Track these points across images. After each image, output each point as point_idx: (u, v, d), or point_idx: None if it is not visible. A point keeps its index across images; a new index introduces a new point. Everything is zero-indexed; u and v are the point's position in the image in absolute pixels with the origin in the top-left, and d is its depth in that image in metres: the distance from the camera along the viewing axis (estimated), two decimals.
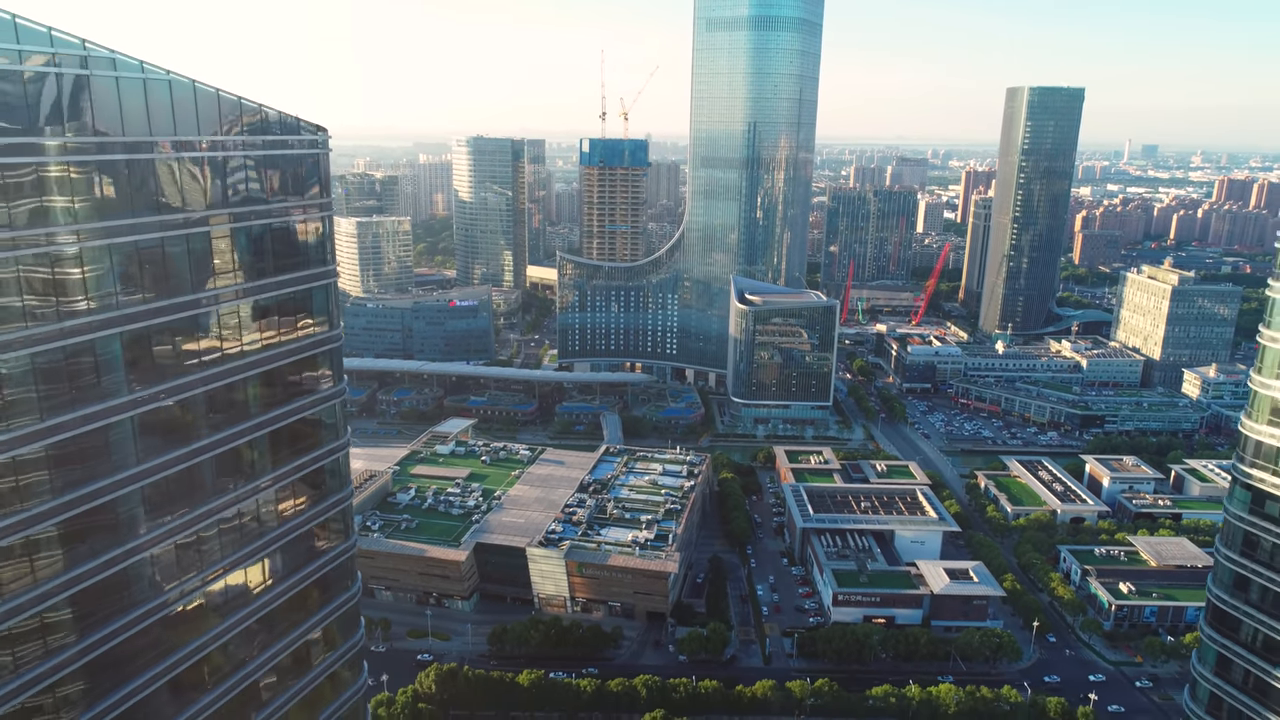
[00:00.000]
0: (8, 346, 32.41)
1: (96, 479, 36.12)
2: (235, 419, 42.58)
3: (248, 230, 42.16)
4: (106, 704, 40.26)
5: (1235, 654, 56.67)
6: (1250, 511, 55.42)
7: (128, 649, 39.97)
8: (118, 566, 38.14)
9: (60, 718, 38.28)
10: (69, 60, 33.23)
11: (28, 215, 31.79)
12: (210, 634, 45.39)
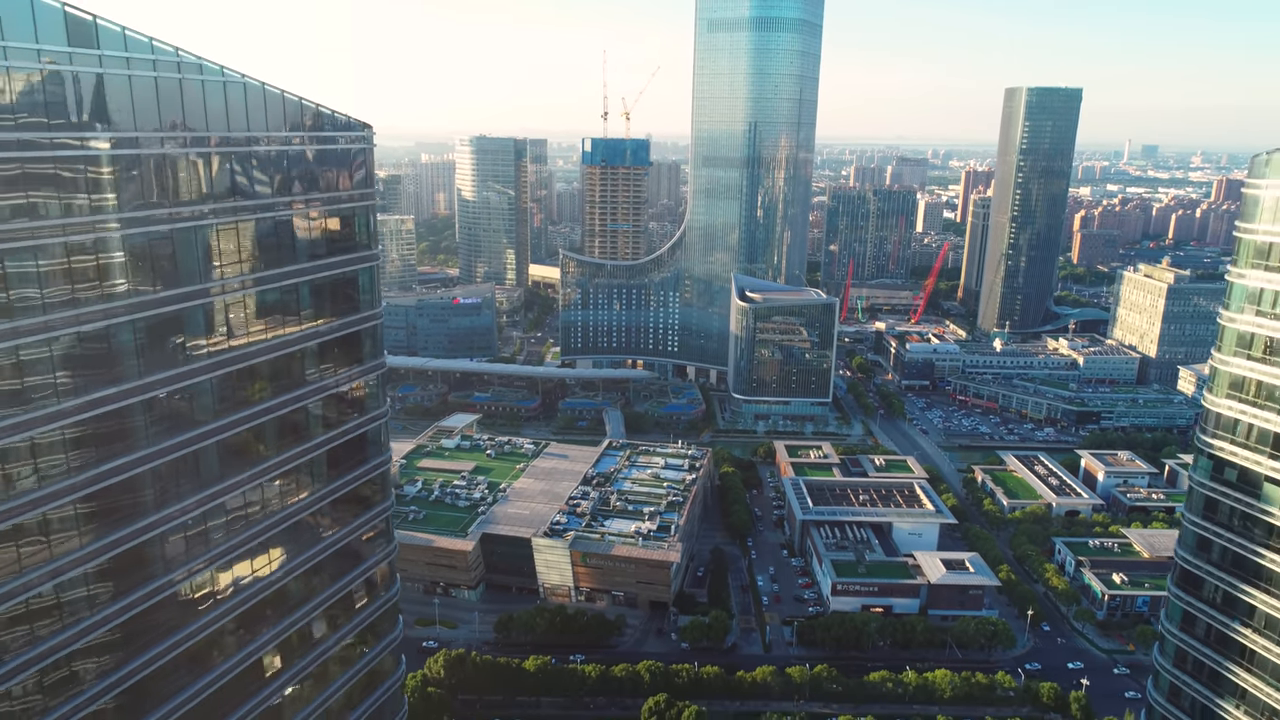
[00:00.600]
0: (170, 301, 38.90)
1: (220, 416, 41.99)
2: (295, 384, 47.27)
3: (306, 216, 46.98)
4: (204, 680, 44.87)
5: (1198, 610, 61.66)
6: (1211, 478, 60.41)
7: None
8: (211, 505, 43.07)
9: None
10: (169, 63, 38.01)
11: (155, 194, 36.72)
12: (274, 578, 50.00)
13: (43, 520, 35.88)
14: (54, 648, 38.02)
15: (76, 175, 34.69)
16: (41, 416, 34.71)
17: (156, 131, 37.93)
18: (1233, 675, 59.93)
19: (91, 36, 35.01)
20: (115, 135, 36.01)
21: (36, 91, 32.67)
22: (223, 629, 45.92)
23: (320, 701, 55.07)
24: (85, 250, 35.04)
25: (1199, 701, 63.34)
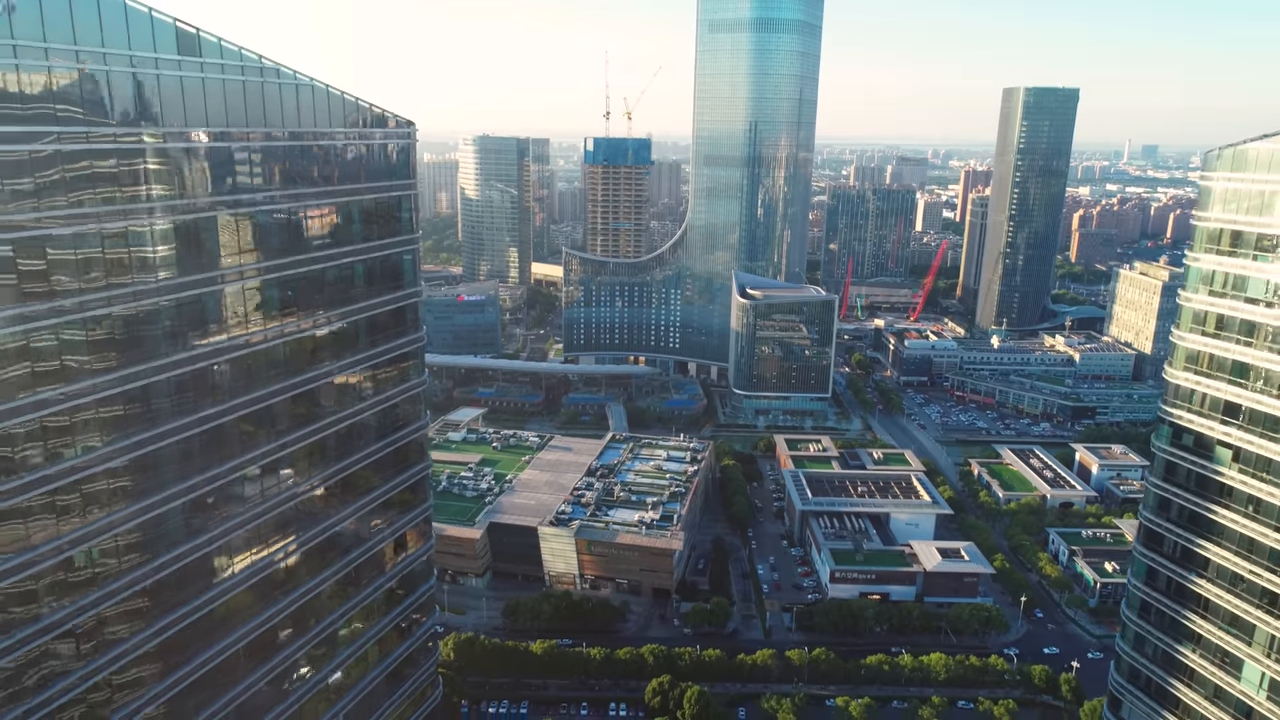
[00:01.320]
0: (273, 269, 45.77)
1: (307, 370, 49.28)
2: (355, 350, 53.54)
3: (359, 205, 53.11)
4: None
5: (1159, 564, 67.77)
6: (1170, 443, 66.55)
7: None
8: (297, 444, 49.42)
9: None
10: (252, 66, 44.10)
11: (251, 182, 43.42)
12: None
13: (219, 430, 44.71)
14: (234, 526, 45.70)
15: (176, 166, 40.86)
16: (227, 344, 44.01)
17: (242, 127, 44.02)
18: (1189, 623, 66.07)
19: (195, 46, 41.13)
20: (213, 130, 42.10)
21: (156, 95, 38.96)
22: (308, 552, 52.86)
23: (374, 633, 61.43)
24: (200, 227, 42.10)
25: (1160, 649, 69.50)
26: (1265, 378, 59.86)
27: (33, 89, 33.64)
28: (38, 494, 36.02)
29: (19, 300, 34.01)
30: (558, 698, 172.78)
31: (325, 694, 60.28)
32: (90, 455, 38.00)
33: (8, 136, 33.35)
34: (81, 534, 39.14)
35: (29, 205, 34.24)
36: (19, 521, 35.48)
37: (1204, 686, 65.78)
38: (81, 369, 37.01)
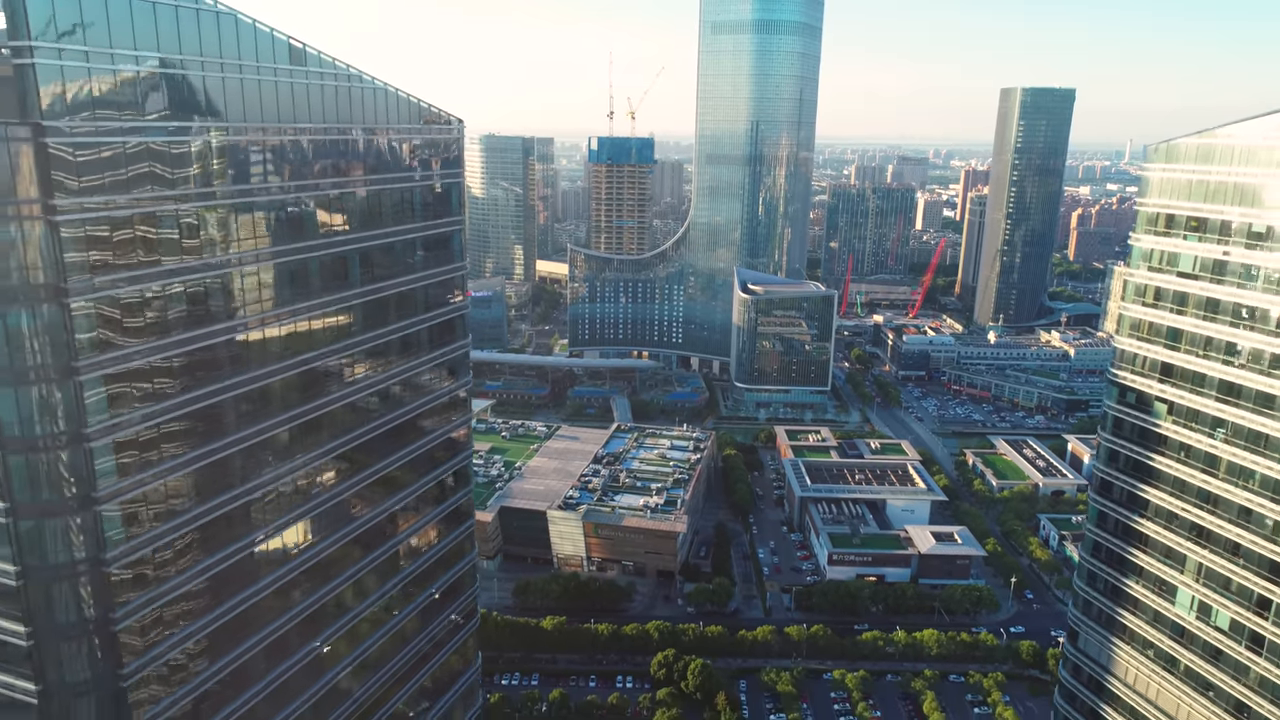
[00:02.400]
0: (355, 241, 56.84)
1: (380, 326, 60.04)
2: (412, 313, 63.33)
3: (419, 189, 63.01)
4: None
5: (1108, 508, 77.66)
6: (1118, 401, 76.32)
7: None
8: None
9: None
10: (340, 74, 53.96)
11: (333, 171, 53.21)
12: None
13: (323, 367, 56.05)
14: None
15: (286, 157, 50.61)
16: (327, 300, 55.11)
17: (334, 123, 53.83)
18: (1133, 557, 75.75)
19: (302, 58, 50.90)
20: (313, 125, 51.93)
21: (280, 97, 48.90)
22: (376, 482, 62.90)
23: (426, 558, 71.36)
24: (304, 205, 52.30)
25: (1109, 582, 79.36)
26: (1193, 341, 69.90)
27: (196, 94, 43.35)
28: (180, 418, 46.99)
29: (183, 256, 44.35)
30: (567, 670, 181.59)
31: (397, 640, 70.51)
32: (244, 376, 48.23)
33: (201, 130, 43.76)
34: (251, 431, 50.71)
35: (198, 183, 44.05)
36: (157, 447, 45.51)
37: (1145, 612, 75.61)
38: (250, 302, 47.61)
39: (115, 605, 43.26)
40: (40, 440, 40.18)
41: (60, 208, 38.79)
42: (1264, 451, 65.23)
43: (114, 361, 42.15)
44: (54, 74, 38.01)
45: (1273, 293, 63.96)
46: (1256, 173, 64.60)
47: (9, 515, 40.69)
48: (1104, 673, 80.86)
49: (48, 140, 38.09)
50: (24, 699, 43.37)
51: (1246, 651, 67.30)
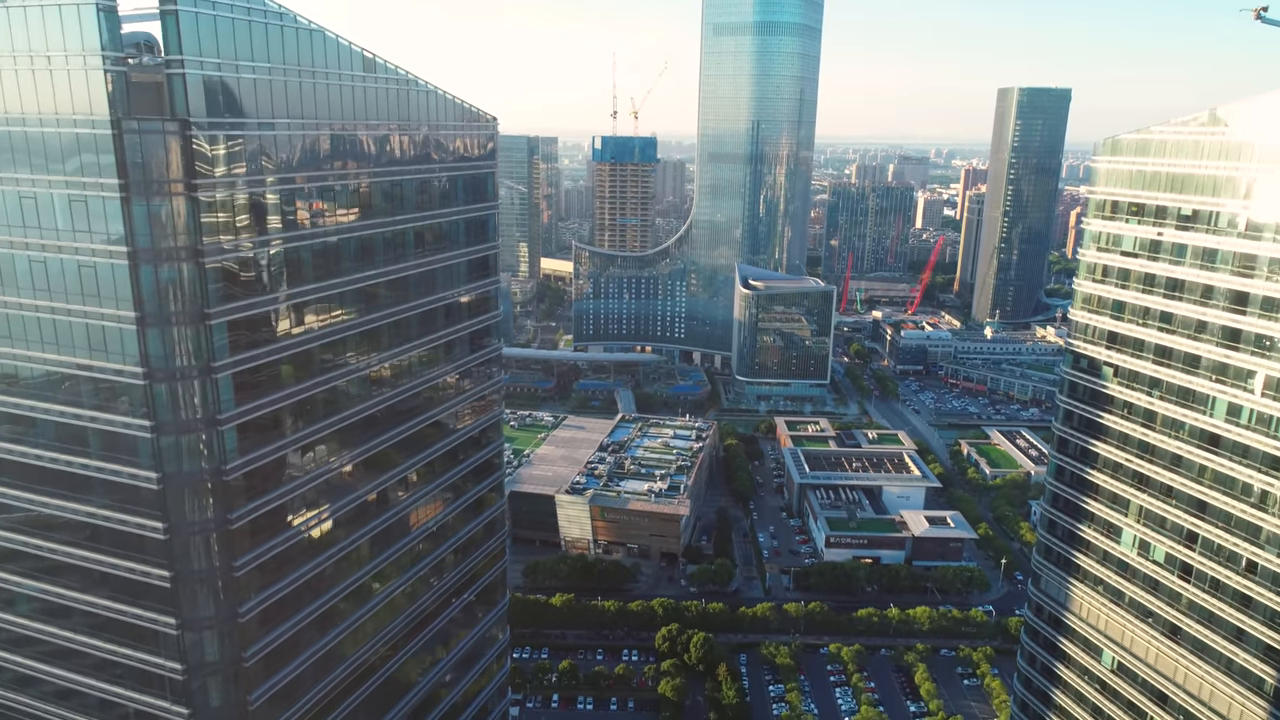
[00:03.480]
0: (412, 220, 68.62)
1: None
2: (456, 284, 73.81)
3: (462, 178, 73.56)
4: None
5: (1065, 462, 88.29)
6: (1072, 367, 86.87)
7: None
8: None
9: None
10: (401, 79, 64.68)
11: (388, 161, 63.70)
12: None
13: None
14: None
15: (360, 148, 61.53)
16: (388, 269, 66.11)
17: (398, 120, 64.47)
18: (1085, 504, 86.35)
19: (373, 63, 61.53)
20: (376, 122, 62.71)
21: (355, 101, 59.71)
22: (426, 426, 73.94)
23: (466, 497, 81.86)
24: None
25: (1065, 528, 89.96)
26: (1134, 311, 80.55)
27: (292, 96, 54.00)
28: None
29: (283, 227, 54.87)
30: (575, 645, 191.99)
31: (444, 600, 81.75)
32: (330, 327, 59.40)
33: (299, 125, 54.87)
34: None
35: (295, 168, 55.19)
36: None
37: (1095, 552, 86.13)
38: (332, 265, 58.73)
39: (231, 508, 53.83)
40: (178, 371, 50.63)
41: (198, 186, 49.37)
42: (1191, 405, 75.86)
43: (235, 310, 52.68)
44: (197, 82, 48.54)
45: (1198, 268, 74.66)
46: (1184, 163, 75.30)
47: (154, 431, 51.31)
48: (1061, 609, 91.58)
49: (191, 134, 48.70)
50: (159, 584, 54.04)
51: (1178, 580, 77.86)
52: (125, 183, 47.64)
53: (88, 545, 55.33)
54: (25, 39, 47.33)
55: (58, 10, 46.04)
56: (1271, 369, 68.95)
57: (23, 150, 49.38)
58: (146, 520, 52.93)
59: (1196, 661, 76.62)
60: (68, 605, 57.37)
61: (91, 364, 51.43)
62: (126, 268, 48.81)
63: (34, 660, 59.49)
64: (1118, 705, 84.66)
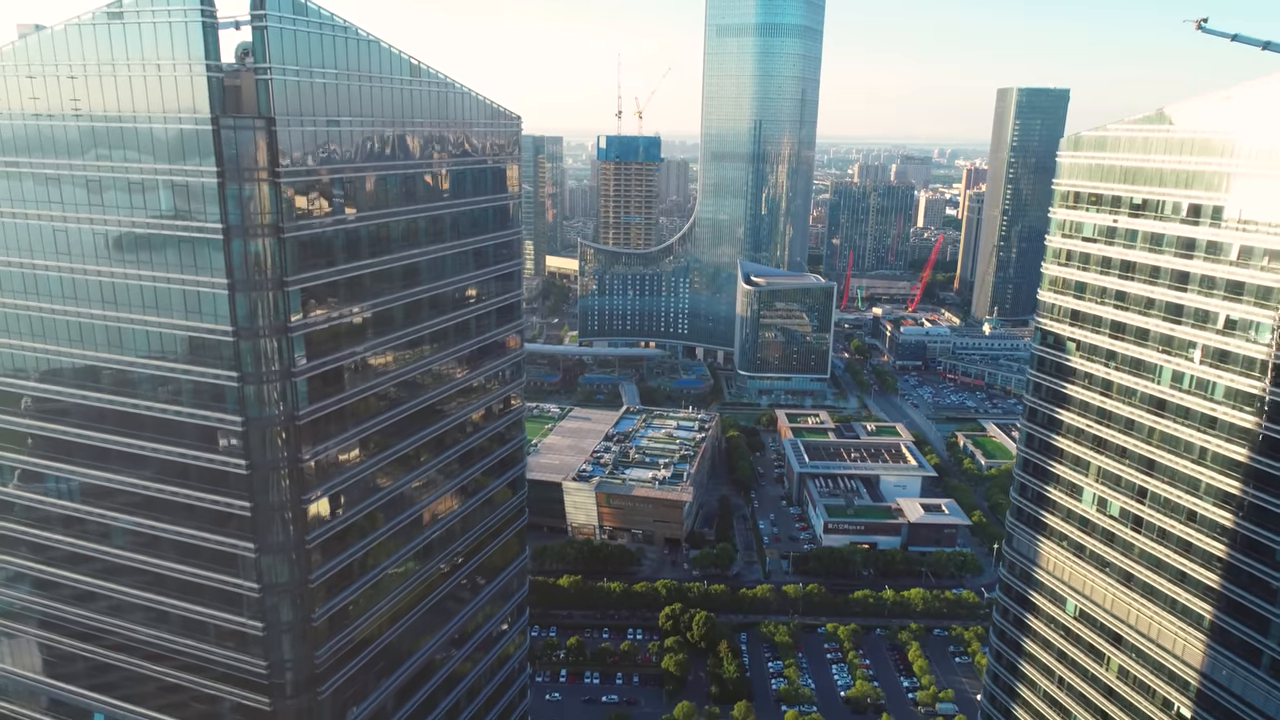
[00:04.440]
0: (446, 207, 77.83)
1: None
2: (485, 265, 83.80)
3: (491, 169, 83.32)
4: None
5: (1034, 430, 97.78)
6: (1039, 343, 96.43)
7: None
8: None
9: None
10: (441, 83, 74.36)
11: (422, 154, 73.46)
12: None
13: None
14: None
15: (407, 142, 71.09)
16: (430, 249, 76.19)
17: (437, 119, 74.22)
18: (1051, 467, 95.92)
19: (418, 69, 71.09)
20: (420, 120, 72.54)
21: (404, 101, 69.56)
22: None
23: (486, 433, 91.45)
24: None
25: (1034, 490, 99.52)
26: (1093, 290, 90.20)
27: (354, 98, 64.09)
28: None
29: (348, 210, 64.70)
30: (582, 624, 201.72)
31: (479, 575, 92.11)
32: (384, 297, 69.63)
33: (359, 123, 64.48)
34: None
35: (357, 158, 64.62)
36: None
37: (1060, 511, 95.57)
38: (384, 243, 68.16)
39: (301, 449, 63.36)
40: (260, 329, 60.14)
41: (280, 173, 58.89)
42: (1142, 374, 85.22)
43: (307, 279, 62.11)
44: (280, 86, 58.11)
45: (1147, 251, 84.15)
46: (1134, 158, 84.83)
47: (239, 381, 60.87)
48: (1030, 564, 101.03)
49: (275, 129, 58.28)
50: (241, 514, 63.58)
51: (1131, 532, 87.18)
52: (221, 170, 57.34)
53: (178, 482, 65.02)
54: (139, 48, 56.95)
55: (168, 25, 55.71)
56: (1208, 340, 78.59)
57: (133, 143, 59.09)
58: (231, 458, 62.61)
59: (1146, 604, 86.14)
60: (158, 535, 67.05)
61: (188, 324, 61.20)
62: (221, 242, 58.53)
63: (129, 587, 69.23)
64: (1080, 648, 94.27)
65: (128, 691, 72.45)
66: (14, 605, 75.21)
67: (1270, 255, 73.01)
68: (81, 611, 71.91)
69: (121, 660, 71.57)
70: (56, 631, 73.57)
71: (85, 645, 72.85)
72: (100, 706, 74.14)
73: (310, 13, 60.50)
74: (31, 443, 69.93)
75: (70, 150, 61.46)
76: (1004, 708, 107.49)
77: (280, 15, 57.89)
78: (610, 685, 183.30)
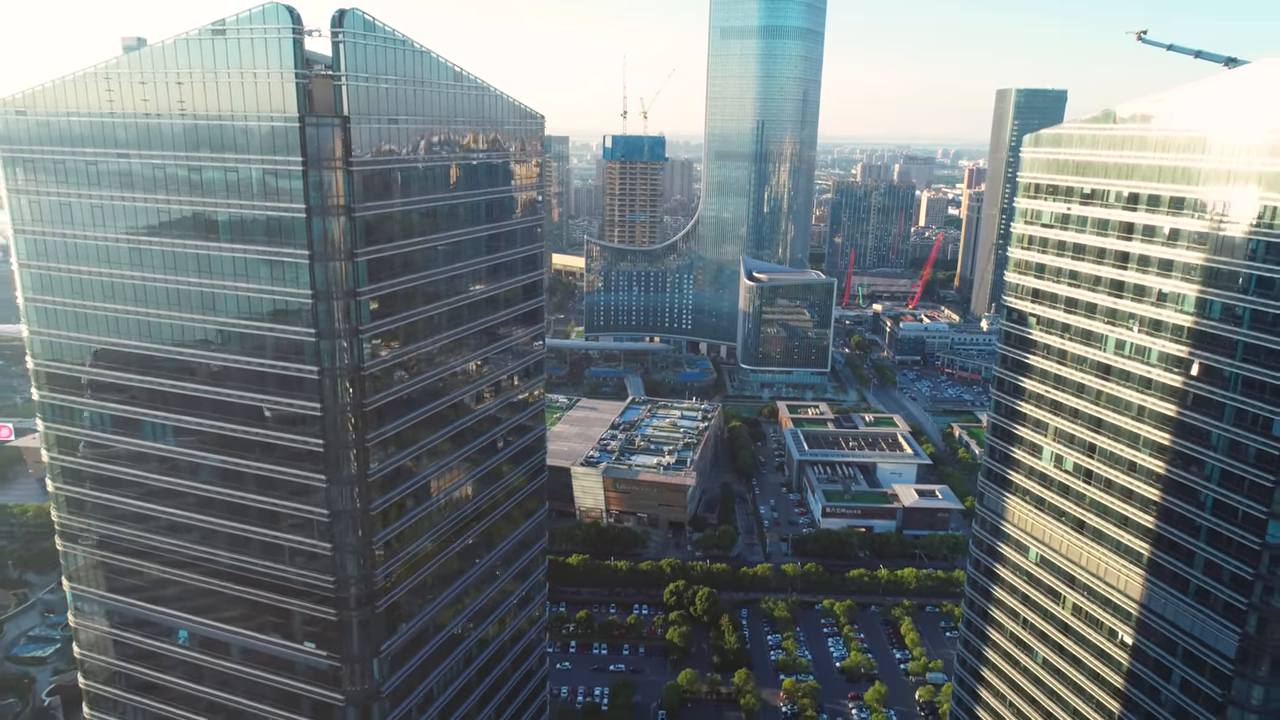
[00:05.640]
0: (484, 194, 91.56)
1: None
2: (513, 246, 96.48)
3: (521, 161, 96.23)
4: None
5: (1001, 398, 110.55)
6: (1006, 318, 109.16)
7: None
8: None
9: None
10: (479, 86, 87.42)
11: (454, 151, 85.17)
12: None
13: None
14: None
15: (451, 139, 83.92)
16: (472, 229, 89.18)
17: (477, 118, 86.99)
18: (1015, 430, 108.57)
19: (460, 75, 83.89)
20: (462, 119, 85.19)
21: (448, 103, 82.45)
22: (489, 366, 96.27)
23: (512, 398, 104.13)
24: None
25: (1001, 451, 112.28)
26: (1050, 271, 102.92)
27: (409, 100, 76.66)
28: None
29: (405, 194, 77.10)
30: (590, 600, 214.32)
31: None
32: (431, 271, 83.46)
33: (413, 121, 76.79)
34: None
35: (409, 152, 77.32)
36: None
37: (1023, 468, 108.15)
38: (430, 225, 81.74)
39: (366, 397, 75.93)
40: (334, 294, 72.80)
41: (352, 163, 71.54)
42: (1091, 344, 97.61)
43: (373, 252, 74.78)
44: (353, 90, 70.73)
45: (1095, 235, 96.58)
46: (1084, 152, 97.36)
47: (316, 338, 73.52)
48: (998, 518, 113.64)
49: (349, 127, 70.90)
50: (315, 450, 76.27)
51: (1082, 484, 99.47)
52: (305, 160, 70.00)
53: (260, 424, 77.79)
54: (238, 59, 69.58)
55: (264, 40, 68.35)
56: (1145, 311, 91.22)
57: (230, 138, 71.80)
58: (308, 403, 75.30)
59: (1095, 546, 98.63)
60: (242, 471, 79.78)
61: (273, 289, 73.97)
62: (304, 220, 71.23)
63: (215, 517, 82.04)
64: (1040, 590, 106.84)
65: (210, 610, 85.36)
66: (115, 537, 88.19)
67: (1194, 236, 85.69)
68: (173, 540, 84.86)
69: (206, 582, 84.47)
70: (150, 559, 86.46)
71: (175, 570, 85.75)
72: (186, 624, 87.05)
73: (377, 29, 73.49)
74: (133, 394, 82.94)
75: (175, 144, 74.41)
76: (976, 650, 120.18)
77: (354, 32, 70.80)
78: (617, 656, 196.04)
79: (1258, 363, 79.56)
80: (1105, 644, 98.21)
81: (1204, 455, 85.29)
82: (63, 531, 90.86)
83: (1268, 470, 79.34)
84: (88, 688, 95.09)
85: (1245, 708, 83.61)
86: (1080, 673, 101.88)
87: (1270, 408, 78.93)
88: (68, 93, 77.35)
